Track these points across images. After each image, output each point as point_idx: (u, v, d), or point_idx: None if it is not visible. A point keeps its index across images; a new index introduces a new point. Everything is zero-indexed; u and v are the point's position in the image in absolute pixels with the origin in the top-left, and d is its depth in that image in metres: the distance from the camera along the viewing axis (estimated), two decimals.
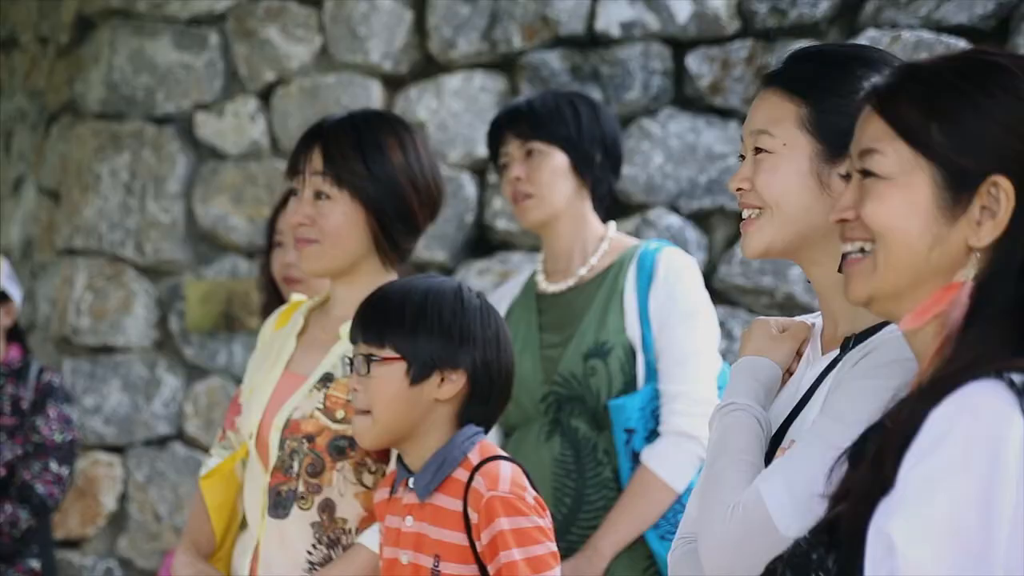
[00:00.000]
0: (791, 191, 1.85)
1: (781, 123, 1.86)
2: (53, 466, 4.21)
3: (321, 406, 2.53)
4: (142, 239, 5.20)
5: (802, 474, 1.74)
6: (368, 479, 2.52)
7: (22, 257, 5.68)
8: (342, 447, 2.51)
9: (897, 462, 1.47)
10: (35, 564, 4.26)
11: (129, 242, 5.20)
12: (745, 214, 1.90)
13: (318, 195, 2.58)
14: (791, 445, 1.82)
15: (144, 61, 5.20)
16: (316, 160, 2.58)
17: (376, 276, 2.61)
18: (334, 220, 2.56)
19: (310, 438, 2.52)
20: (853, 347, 1.85)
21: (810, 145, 1.85)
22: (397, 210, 2.58)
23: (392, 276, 2.63)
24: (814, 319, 1.97)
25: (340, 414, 2.52)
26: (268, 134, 5.17)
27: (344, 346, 2.56)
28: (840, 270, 1.69)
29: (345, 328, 2.57)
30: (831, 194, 1.84)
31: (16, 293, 4.36)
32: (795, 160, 1.85)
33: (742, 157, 1.91)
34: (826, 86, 1.86)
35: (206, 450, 4.76)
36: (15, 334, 4.39)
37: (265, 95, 5.21)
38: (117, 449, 5.23)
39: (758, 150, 1.87)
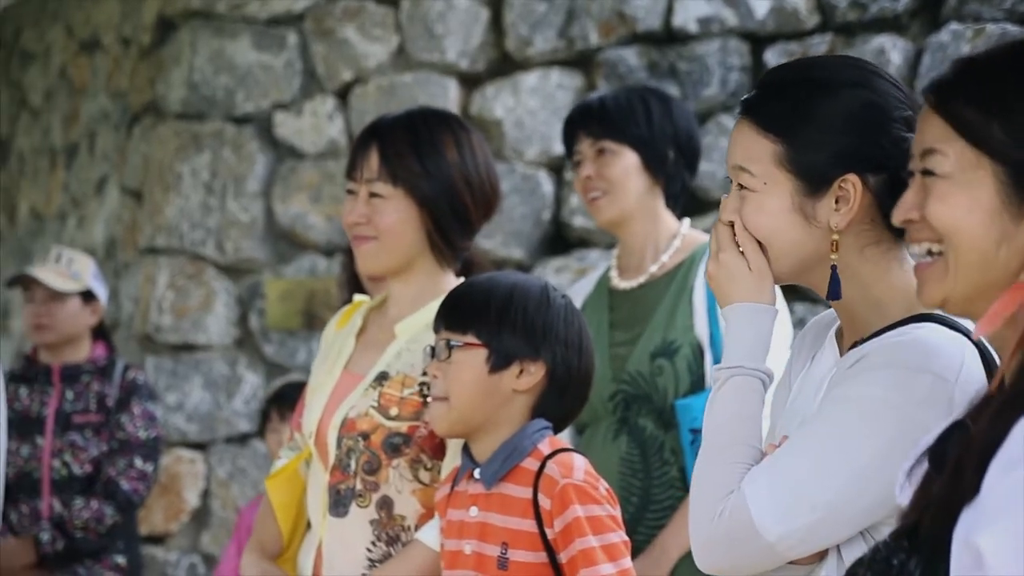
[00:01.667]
0: (779, 229, 1.86)
1: (759, 161, 1.86)
2: (138, 463, 4.25)
3: (376, 404, 2.55)
4: (222, 238, 5.25)
5: (788, 480, 1.77)
6: (424, 475, 2.53)
7: (106, 256, 5.75)
8: (397, 444, 2.52)
9: (981, 469, 1.45)
10: (121, 560, 4.32)
11: (210, 241, 5.26)
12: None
13: (374, 194, 2.59)
14: (782, 441, 1.83)
15: (224, 61, 5.26)
16: (372, 159, 2.60)
17: (432, 275, 2.62)
18: (389, 218, 2.58)
19: (365, 436, 2.54)
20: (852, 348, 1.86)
21: (790, 182, 1.85)
22: (452, 208, 2.59)
23: (448, 275, 2.65)
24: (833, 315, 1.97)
25: (394, 411, 2.53)
26: (346, 133, 5.20)
27: (400, 344, 2.58)
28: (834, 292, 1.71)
29: (401, 327, 2.59)
30: (818, 224, 1.85)
31: (102, 292, 4.42)
32: (777, 198, 1.86)
33: (730, 180, 1.91)
34: (798, 122, 1.85)
35: None
36: (100, 332, 4.45)
37: (343, 94, 5.24)
38: (199, 446, 5.29)
39: (741, 186, 1.88)
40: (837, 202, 1.84)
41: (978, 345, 1.80)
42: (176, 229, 5.27)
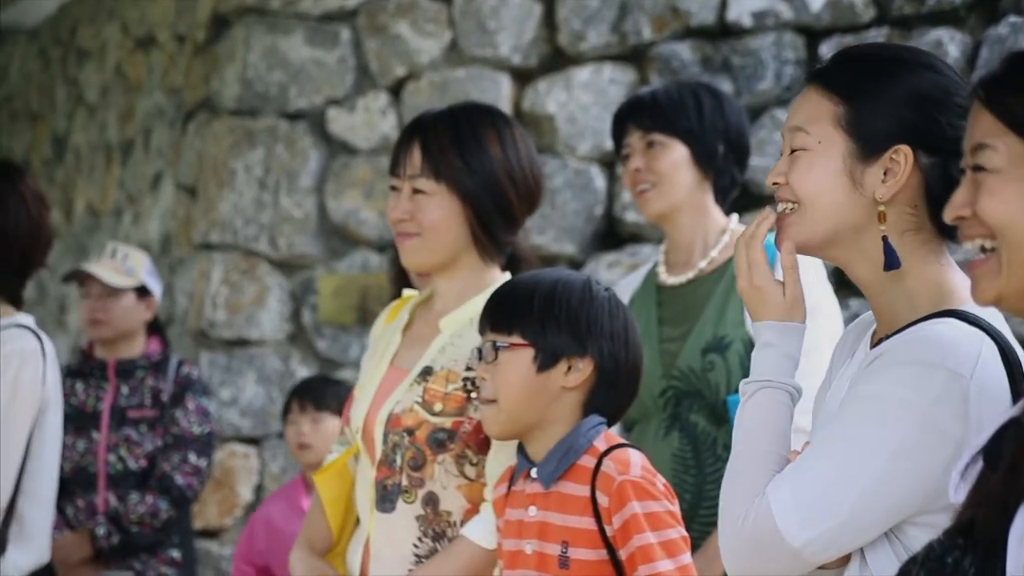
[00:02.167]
0: (824, 189, 1.86)
1: (818, 121, 1.88)
2: (192, 458, 4.28)
3: (420, 399, 2.55)
4: (276, 234, 5.27)
5: (810, 485, 1.77)
6: (470, 471, 2.53)
7: (161, 252, 5.79)
8: (441, 440, 2.52)
9: None
10: (176, 554, 4.34)
11: (263, 237, 5.28)
12: (780, 208, 1.91)
13: (417, 190, 2.59)
14: (804, 447, 1.83)
15: (277, 58, 5.28)
16: (415, 155, 2.60)
17: (476, 270, 2.62)
18: (432, 214, 2.58)
19: (410, 432, 2.54)
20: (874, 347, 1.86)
21: (844, 143, 1.86)
22: (495, 203, 2.58)
23: (493, 269, 2.64)
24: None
25: (438, 407, 2.53)
26: (398, 128, 5.20)
27: (444, 339, 2.58)
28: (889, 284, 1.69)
29: (446, 322, 2.59)
30: (863, 192, 1.86)
31: (156, 287, 4.44)
32: (829, 158, 1.87)
33: (782, 153, 1.93)
34: (864, 87, 1.87)
35: None
36: (155, 328, 4.47)
37: (396, 90, 5.25)
38: (253, 441, 5.31)
39: (794, 148, 1.89)
40: (886, 174, 1.85)
41: (998, 340, 1.79)
42: (230, 225, 5.29)
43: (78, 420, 4.25)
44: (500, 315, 2.39)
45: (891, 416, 1.74)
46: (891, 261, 1.85)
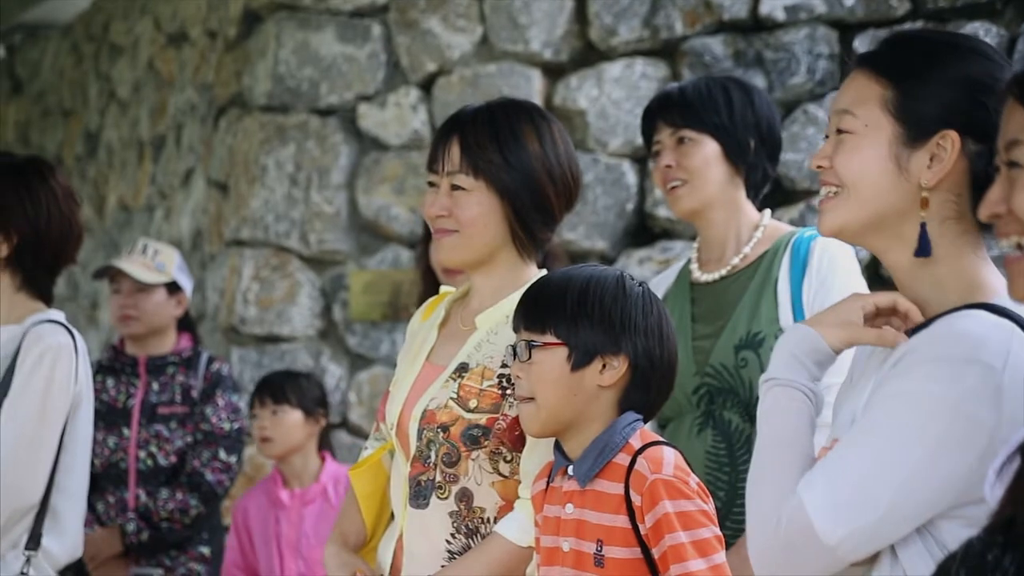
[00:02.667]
0: (869, 172, 1.85)
1: (865, 104, 1.86)
2: (222, 454, 4.28)
3: (455, 395, 2.54)
4: (306, 230, 5.27)
5: (844, 482, 1.76)
6: (504, 468, 2.52)
7: (192, 248, 5.80)
8: (476, 436, 2.52)
9: None
10: (205, 550, 4.35)
11: (294, 233, 5.28)
12: (823, 192, 1.90)
13: (455, 186, 2.58)
14: (833, 445, 1.83)
15: (308, 54, 5.27)
16: (453, 151, 2.59)
17: (514, 267, 2.61)
18: (470, 210, 2.56)
19: (445, 428, 2.53)
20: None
21: (891, 127, 1.85)
22: (533, 199, 2.57)
23: (530, 266, 2.63)
24: None
25: (473, 403, 2.53)
26: (429, 124, 5.20)
27: (480, 335, 2.58)
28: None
29: (482, 318, 2.59)
30: (908, 178, 1.84)
31: (187, 284, 4.45)
32: (875, 141, 1.85)
33: (828, 137, 1.92)
34: (913, 71, 1.85)
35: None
36: (185, 324, 4.48)
37: (427, 85, 5.24)
38: None
39: (840, 131, 1.88)
40: (932, 159, 1.83)
41: None
42: (261, 221, 5.30)
43: (109, 416, 4.26)
44: (533, 313, 2.38)
45: (925, 411, 1.74)
46: (923, 247, 1.84)
